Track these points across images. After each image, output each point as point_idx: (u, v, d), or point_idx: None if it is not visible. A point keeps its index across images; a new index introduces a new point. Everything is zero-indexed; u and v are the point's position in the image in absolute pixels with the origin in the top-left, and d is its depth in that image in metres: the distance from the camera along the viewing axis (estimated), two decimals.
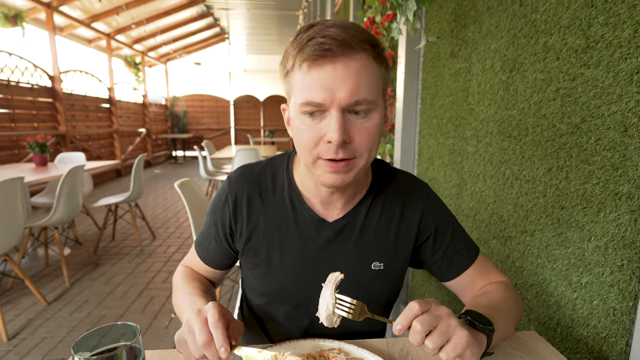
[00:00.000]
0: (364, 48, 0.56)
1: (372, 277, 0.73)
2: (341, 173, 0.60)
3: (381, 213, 0.74)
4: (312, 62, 0.56)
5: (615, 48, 0.69)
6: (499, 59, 1.06)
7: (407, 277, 1.95)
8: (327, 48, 0.54)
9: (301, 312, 0.75)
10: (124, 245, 3.66)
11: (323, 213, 0.73)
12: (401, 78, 1.70)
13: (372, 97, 0.58)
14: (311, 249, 0.73)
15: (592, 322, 0.76)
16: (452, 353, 0.50)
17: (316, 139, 0.59)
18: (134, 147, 8.78)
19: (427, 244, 0.76)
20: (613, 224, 0.70)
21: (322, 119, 0.58)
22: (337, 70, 0.55)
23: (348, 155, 0.59)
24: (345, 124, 0.57)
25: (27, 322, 2.25)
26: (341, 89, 0.55)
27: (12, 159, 4.89)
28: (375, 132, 0.60)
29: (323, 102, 0.56)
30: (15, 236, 2.18)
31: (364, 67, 0.57)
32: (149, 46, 9.29)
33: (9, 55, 4.94)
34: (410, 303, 0.52)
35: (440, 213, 0.77)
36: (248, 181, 0.75)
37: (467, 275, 0.76)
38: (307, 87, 0.57)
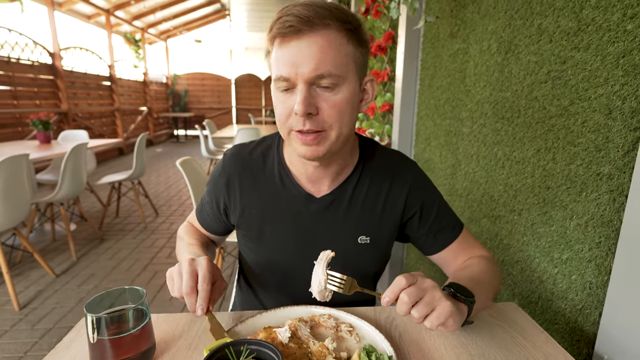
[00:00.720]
0: (328, 24, 0.59)
1: (358, 250, 0.77)
2: (313, 145, 0.63)
3: (368, 189, 0.77)
4: (281, 40, 0.60)
5: (604, 31, 0.70)
6: (495, 41, 1.07)
7: (402, 255, 2.01)
8: (289, 25, 0.58)
9: (291, 282, 0.80)
10: (128, 221, 3.74)
11: (311, 189, 0.76)
12: (401, 58, 1.70)
13: (338, 71, 0.60)
14: (300, 223, 0.77)
15: (570, 295, 0.81)
16: (435, 321, 0.54)
17: (287, 112, 0.63)
18: (136, 126, 8.78)
19: (413, 220, 0.80)
20: (593, 203, 0.73)
21: (293, 93, 0.62)
22: (302, 47, 0.59)
23: (316, 127, 0.62)
24: (310, 97, 0.60)
25: (36, 293, 2.34)
26: (304, 63, 0.59)
27: (15, 136, 4.93)
28: (345, 106, 0.63)
29: (289, 76, 0.60)
30: (23, 211, 2.24)
31: (329, 43, 0.59)
32: (148, 22, 9.13)
33: (9, 31, 4.89)
34: (397, 277, 0.56)
35: (427, 190, 0.81)
36: (241, 160, 0.79)
37: (451, 249, 0.80)
38: (277, 64, 0.61)
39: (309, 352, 0.56)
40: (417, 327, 0.68)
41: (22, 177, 2.19)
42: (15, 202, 2.15)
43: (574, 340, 0.80)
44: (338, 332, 0.62)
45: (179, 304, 2.22)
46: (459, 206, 1.32)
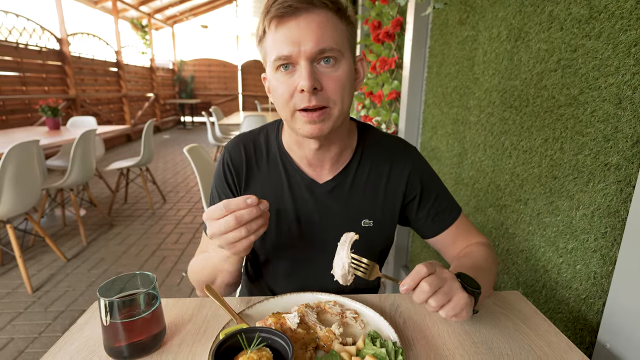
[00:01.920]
0: (324, 3, 0.61)
1: (362, 233, 0.78)
2: (318, 122, 0.65)
3: (369, 173, 0.79)
4: (278, 21, 0.61)
5: (617, 19, 0.69)
6: (505, 28, 1.06)
7: (407, 242, 2.02)
8: (288, 5, 0.59)
9: (296, 267, 0.82)
10: (136, 207, 3.79)
11: (313, 175, 0.78)
12: (409, 45, 1.68)
13: (338, 46, 0.62)
14: (304, 209, 0.78)
15: (574, 284, 0.81)
16: (451, 312, 0.55)
17: (291, 91, 0.63)
18: (143, 112, 8.81)
19: (413, 203, 0.81)
20: (600, 193, 0.73)
21: (294, 72, 0.63)
22: (301, 25, 0.60)
23: (321, 102, 0.63)
24: (314, 73, 0.62)
25: (49, 277, 2.40)
26: (306, 40, 0.60)
27: (25, 122, 4.98)
28: (345, 81, 0.64)
29: (290, 54, 0.61)
30: (34, 196, 2.28)
31: (326, 20, 0.62)
32: (155, 8, 9.06)
33: (16, 16, 4.89)
34: (417, 266, 0.56)
35: (427, 174, 0.82)
36: (243, 149, 0.80)
37: (449, 233, 0.81)
38: (277, 44, 0.62)
39: (316, 337, 0.58)
40: (421, 314, 0.69)
41: (33, 163, 2.23)
42: (27, 188, 2.19)
43: (577, 329, 0.80)
44: (343, 319, 0.64)
45: (187, 289, 2.27)
46: (465, 195, 1.32)
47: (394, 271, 2.09)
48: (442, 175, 1.52)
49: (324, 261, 0.81)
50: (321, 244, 0.79)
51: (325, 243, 0.79)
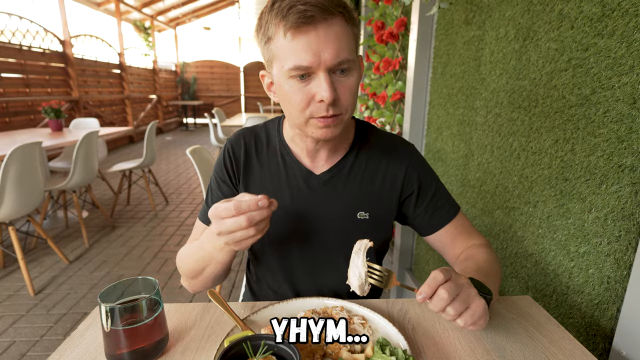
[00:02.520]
0: (340, 12, 0.61)
1: (358, 225, 0.79)
2: (331, 127, 0.66)
3: (366, 166, 0.80)
4: (296, 29, 0.59)
5: (631, 17, 0.67)
6: (513, 27, 1.04)
7: (412, 245, 2.00)
8: (310, 15, 0.58)
9: (292, 262, 0.82)
10: (139, 209, 3.78)
11: (310, 166, 0.79)
12: (413, 46, 1.66)
13: (352, 56, 0.63)
14: (300, 198, 0.79)
15: (586, 289, 0.79)
16: (469, 320, 0.53)
17: (307, 100, 0.63)
18: (146, 114, 8.82)
19: (411, 199, 0.81)
20: (614, 195, 0.71)
21: (311, 81, 0.62)
22: (320, 35, 0.59)
23: (337, 111, 0.64)
24: (333, 83, 0.62)
25: (51, 279, 2.39)
26: (326, 51, 0.60)
27: (28, 124, 4.99)
28: (355, 88, 0.66)
29: (310, 65, 0.60)
30: (36, 198, 2.28)
31: (342, 30, 0.61)
32: (157, 10, 9.09)
33: (20, 18, 4.91)
34: (433, 272, 0.54)
35: (424, 171, 0.82)
36: (245, 141, 0.82)
37: (448, 232, 0.80)
38: (294, 53, 0.60)
39: (323, 344, 0.56)
40: (430, 320, 0.68)
41: (36, 165, 2.22)
42: (29, 190, 2.18)
43: (589, 335, 0.78)
44: (351, 325, 0.62)
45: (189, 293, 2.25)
46: (472, 197, 1.30)
47: (399, 274, 2.07)
48: (448, 176, 1.50)
49: (320, 254, 0.81)
50: (317, 235, 0.79)
51: (321, 234, 0.79)
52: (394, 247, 2.13)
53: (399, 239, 2.01)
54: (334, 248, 0.80)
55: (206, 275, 0.73)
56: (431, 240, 0.83)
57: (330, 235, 0.79)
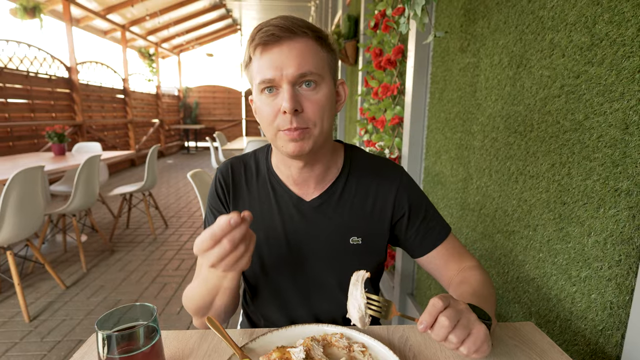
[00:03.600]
0: (305, 32, 0.66)
1: (351, 251, 0.79)
2: (299, 141, 0.67)
3: (356, 191, 0.80)
4: (263, 48, 0.66)
5: (619, 46, 0.69)
6: (506, 55, 1.07)
7: (413, 270, 1.98)
8: (271, 33, 0.64)
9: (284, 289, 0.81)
10: (138, 233, 3.76)
11: (300, 193, 0.80)
12: (410, 72, 1.70)
13: (318, 71, 0.67)
14: (292, 225, 0.79)
15: (589, 315, 0.78)
16: (472, 347, 0.52)
17: (274, 113, 0.67)
18: (148, 138, 8.92)
19: (402, 222, 0.81)
20: (612, 219, 0.71)
21: (277, 95, 0.67)
22: (283, 51, 0.65)
23: (302, 124, 0.66)
24: (295, 96, 0.66)
25: (47, 305, 2.35)
26: (288, 66, 0.64)
27: (31, 148, 5.04)
28: (325, 104, 0.68)
29: (274, 77, 0.65)
30: (36, 222, 2.27)
31: (306, 48, 0.66)
32: (162, 37, 9.36)
33: (28, 46, 5.05)
34: (432, 300, 0.54)
35: (414, 193, 0.82)
36: (234, 170, 0.83)
37: (440, 253, 0.80)
38: (261, 69, 0.66)
39: None
40: (432, 347, 0.66)
41: (37, 189, 2.23)
42: (30, 214, 2.18)
43: None
44: (351, 352, 0.61)
45: (187, 318, 2.21)
46: (472, 221, 1.30)
47: (400, 299, 2.03)
48: (448, 200, 1.50)
49: (314, 280, 0.80)
50: (310, 262, 0.79)
51: (314, 261, 0.79)
52: (394, 271, 2.11)
53: (400, 264, 1.99)
54: (327, 274, 0.79)
55: (217, 307, 0.73)
56: (423, 262, 0.83)
57: (324, 261, 0.79)
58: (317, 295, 0.81)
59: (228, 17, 9.34)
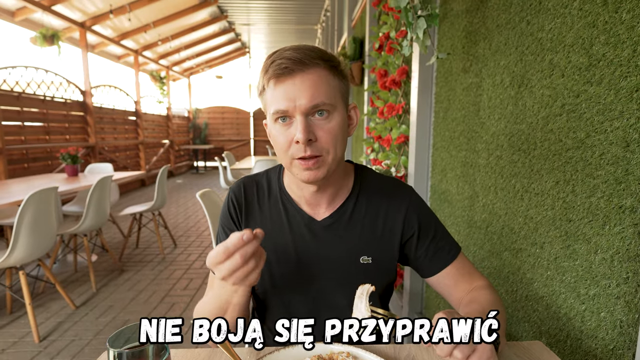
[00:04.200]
0: (317, 63, 0.68)
1: (362, 270, 0.79)
2: (313, 170, 0.69)
3: (366, 211, 0.81)
4: (276, 80, 0.68)
5: (616, 66, 0.71)
6: (508, 75, 1.09)
7: (422, 289, 1.96)
8: (284, 67, 0.66)
9: (295, 307, 0.81)
10: (147, 252, 3.79)
11: (311, 213, 0.81)
12: (415, 92, 1.74)
13: (330, 101, 0.68)
14: (302, 245, 0.80)
15: (600, 334, 0.77)
16: None
17: (288, 142, 0.69)
18: (158, 158, 9.07)
19: (412, 241, 0.82)
20: (618, 236, 0.71)
21: (291, 125, 0.69)
22: (296, 83, 0.67)
23: (315, 152, 0.68)
24: (309, 126, 0.67)
25: (56, 325, 2.36)
26: (301, 97, 0.66)
27: (45, 169, 5.16)
28: (338, 131, 0.70)
29: (287, 109, 0.67)
30: (49, 242, 2.31)
31: (318, 78, 0.68)
32: (173, 61, 9.65)
33: (45, 72, 5.25)
34: (436, 315, 0.54)
35: (424, 213, 0.83)
36: (246, 189, 0.85)
37: (449, 274, 0.80)
38: (275, 100, 0.68)
39: None
40: None
41: (51, 210, 2.28)
42: (43, 234, 2.22)
43: None
44: None
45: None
46: (479, 238, 1.30)
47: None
48: (455, 217, 1.50)
49: (324, 300, 0.80)
50: (320, 281, 0.79)
51: (324, 280, 0.79)
52: (403, 290, 2.09)
53: (408, 283, 1.97)
54: (337, 293, 0.79)
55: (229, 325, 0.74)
56: (433, 282, 0.83)
57: (334, 281, 0.79)
58: (326, 314, 0.81)
59: (237, 41, 9.62)
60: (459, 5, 1.42)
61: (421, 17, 1.28)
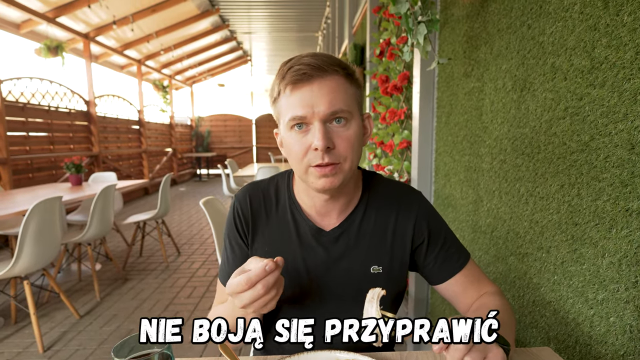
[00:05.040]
0: (335, 70, 0.67)
1: (372, 279, 0.78)
2: (329, 176, 0.68)
3: (375, 220, 0.80)
4: (293, 86, 0.67)
5: (618, 69, 0.71)
6: (510, 79, 1.09)
7: (427, 295, 1.94)
8: (303, 72, 0.65)
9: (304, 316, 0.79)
10: (151, 261, 3.79)
11: (320, 224, 0.79)
12: (416, 97, 1.74)
13: (348, 108, 0.68)
14: (312, 257, 0.78)
15: (609, 339, 0.76)
16: None
17: (305, 149, 0.68)
18: (161, 166, 9.11)
19: (421, 248, 0.81)
20: (625, 240, 0.71)
21: (308, 132, 0.68)
22: (314, 90, 0.66)
23: (333, 160, 0.67)
24: (327, 133, 0.66)
25: (60, 335, 2.36)
26: (319, 104, 0.65)
27: (50, 179, 5.19)
28: (355, 139, 0.69)
29: (305, 115, 0.66)
30: (53, 252, 2.32)
31: (336, 85, 0.67)
32: (176, 70, 9.74)
33: (50, 82, 5.31)
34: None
35: (433, 219, 0.82)
36: (252, 200, 0.83)
37: (459, 281, 0.79)
38: (292, 106, 0.67)
39: None
40: None
41: (55, 219, 2.29)
42: (47, 244, 2.23)
43: None
44: None
45: (199, 347, 2.19)
46: (484, 243, 1.29)
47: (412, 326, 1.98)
48: (459, 222, 1.50)
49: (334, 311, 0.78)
50: (330, 292, 0.78)
51: (334, 291, 0.78)
52: (408, 296, 2.07)
53: (413, 288, 1.95)
54: (347, 304, 0.78)
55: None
56: (442, 289, 0.82)
57: (344, 291, 0.78)
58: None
59: (239, 49, 9.70)
60: (460, 10, 1.43)
61: (422, 23, 1.29)
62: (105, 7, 5.26)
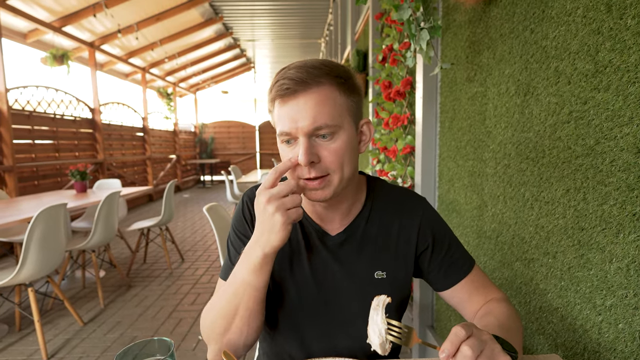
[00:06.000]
0: (320, 82, 0.66)
1: (376, 285, 0.77)
2: (319, 190, 0.69)
3: (380, 224, 0.79)
4: (280, 100, 0.68)
5: (623, 72, 0.71)
6: (513, 84, 1.09)
7: (432, 301, 1.92)
8: (285, 87, 0.65)
9: (308, 322, 0.79)
10: (155, 268, 3.79)
11: (325, 227, 0.80)
12: (419, 102, 1.74)
13: (334, 122, 0.67)
14: (317, 261, 0.78)
15: (618, 346, 0.74)
16: None
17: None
18: (165, 173, 9.15)
19: (425, 254, 0.80)
20: (633, 245, 0.70)
21: (295, 145, 0.68)
22: (299, 104, 0.66)
23: (320, 173, 0.67)
24: (311, 147, 0.66)
25: (64, 342, 2.35)
26: (303, 119, 0.65)
27: (55, 186, 5.23)
28: (344, 151, 0.68)
29: (290, 130, 0.67)
30: (58, 259, 2.32)
31: (323, 98, 0.66)
32: (180, 77, 9.82)
33: (56, 91, 5.37)
34: (454, 328, 0.53)
35: (437, 225, 0.81)
36: None
37: (464, 287, 0.78)
38: (280, 121, 0.68)
39: None
40: None
41: (60, 226, 2.30)
42: (52, 251, 2.24)
43: None
44: None
45: (202, 354, 2.17)
46: (489, 249, 1.28)
47: (420, 332, 1.96)
48: (463, 228, 1.49)
49: (337, 315, 0.78)
50: (334, 296, 0.78)
51: (338, 295, 0.78)
52: (413, 303, 2.05)
53: (418, 295, 1.94)
54: (351, 309, 0.78)
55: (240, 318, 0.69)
56: (447, 295, 0.81)
57: (348, 296, 0.78)
58: (338, 328, 0.79)
59: (242, 56, 9.77)
60: (462, 16, 1.43)
61: (424, 29, 1.29)
62: (110, 16, 5.33)
